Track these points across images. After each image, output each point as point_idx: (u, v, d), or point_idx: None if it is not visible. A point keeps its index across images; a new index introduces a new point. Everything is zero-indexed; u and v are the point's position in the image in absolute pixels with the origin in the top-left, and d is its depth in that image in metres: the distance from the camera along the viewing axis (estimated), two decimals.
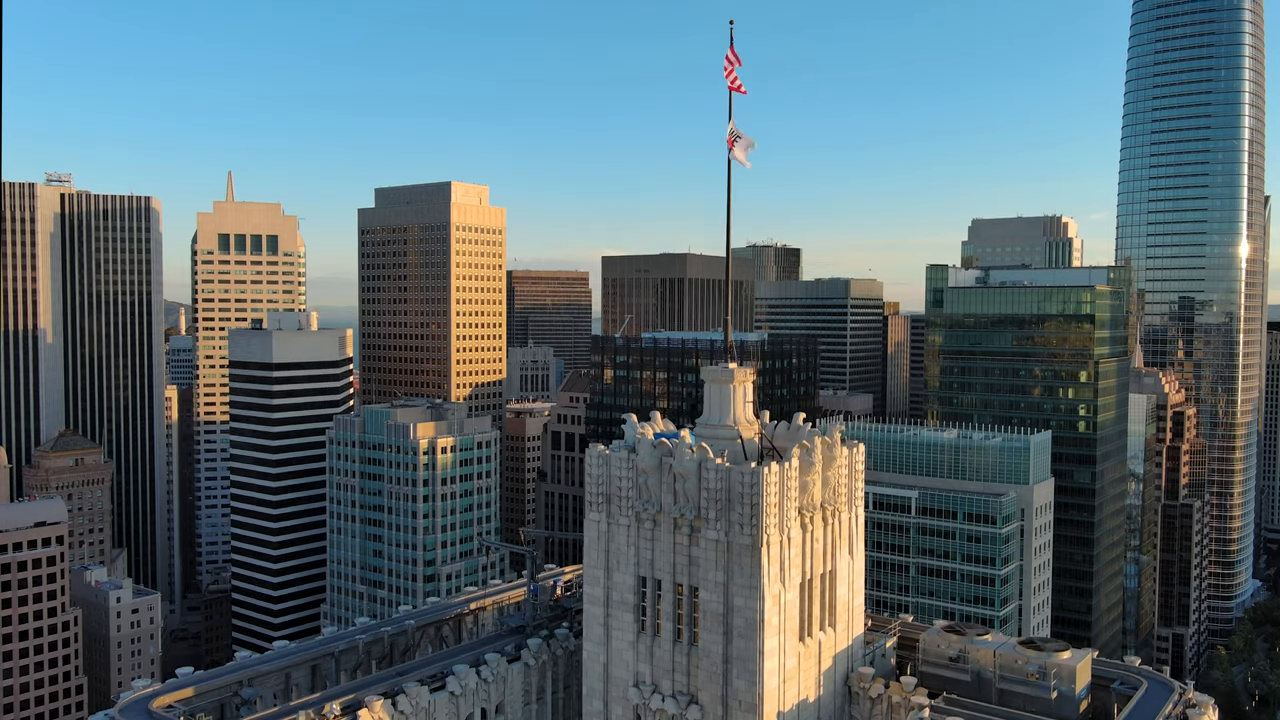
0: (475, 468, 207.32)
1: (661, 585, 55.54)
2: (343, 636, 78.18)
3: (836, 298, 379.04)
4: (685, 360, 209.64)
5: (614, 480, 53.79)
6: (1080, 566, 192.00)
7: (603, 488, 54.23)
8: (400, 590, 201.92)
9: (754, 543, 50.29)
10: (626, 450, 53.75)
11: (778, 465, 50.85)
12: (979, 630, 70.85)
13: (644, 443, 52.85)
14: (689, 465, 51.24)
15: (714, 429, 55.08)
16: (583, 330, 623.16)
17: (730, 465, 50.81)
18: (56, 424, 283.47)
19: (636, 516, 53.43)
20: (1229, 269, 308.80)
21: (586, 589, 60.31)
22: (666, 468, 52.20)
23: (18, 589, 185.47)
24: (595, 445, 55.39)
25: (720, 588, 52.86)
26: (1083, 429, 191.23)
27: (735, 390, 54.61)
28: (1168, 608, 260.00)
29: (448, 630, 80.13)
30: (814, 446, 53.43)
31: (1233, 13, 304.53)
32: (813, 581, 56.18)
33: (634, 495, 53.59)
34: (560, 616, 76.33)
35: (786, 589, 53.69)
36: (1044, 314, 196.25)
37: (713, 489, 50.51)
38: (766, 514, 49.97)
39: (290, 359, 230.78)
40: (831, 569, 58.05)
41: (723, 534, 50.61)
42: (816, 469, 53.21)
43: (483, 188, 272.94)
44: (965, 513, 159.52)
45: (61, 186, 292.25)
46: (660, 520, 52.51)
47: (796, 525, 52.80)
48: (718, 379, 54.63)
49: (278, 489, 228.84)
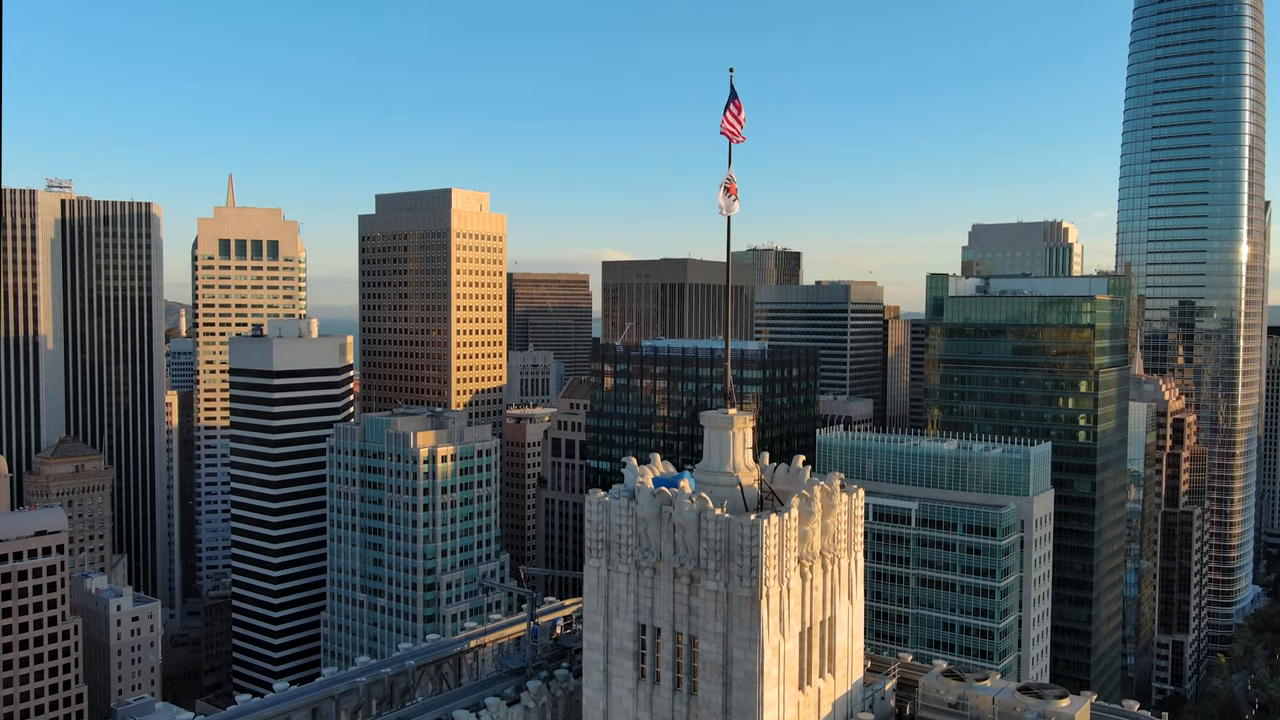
0: (475, 476, 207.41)
1: (661, 634, 55.50)
2: (343, 678, 78.00)
3: (837, 302, 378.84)
4: (685, 369, 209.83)
5: (614, 527, 53.73)
6: (1080, 576, 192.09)
7: (603, 534, 54.20)
8: (400, 599, 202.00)
9: (753, 595, 50.27)
10: (626, 498, 53.66)
11: (777, 517, 50.82)
12: (978, 674, 70.65)
13: (644, 492, 52.80)
14: (689, 516, 51.20)
15: (714, 475, 54.99)
16: (583, 333, 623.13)
17: (730, 517, 50.73)
18: (57, 430, 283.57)
19: (636, 564, 53.40)
20: (1229, 274, 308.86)
21: (586, 635, 60.24)
22: (666, 517, 52.17)
23: (18, 598, 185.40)
24: (595, 492, 55.33)
25: (720, 638, 52.85)
26: (1083, 439, 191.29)
27: (735, 437, 54.53)
28: (1168, 615, 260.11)
29: (448, 669, 79.97)
30: (813, 496, 53.41)
31: (1233, 18, 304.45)
32: (812, 630, 56.19)
33: (634, 543, 53.56)
34: (560, 656, 76.05)
35: (786, 639, 53.70)
36: (1044, 323, 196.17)
37: (712, 540, 50.48)
38: (766, 566, 49.97)
39: (290, 366, 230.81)
40: (831, 615, 58.05)
41: (722, 585, 50.59)
42: (816, 518, 53.22)
43: (483, 194, 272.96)
44: (965, 525, 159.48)
45: (62, 192, 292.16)
46: (660, 569, 52.49)
47: (796, 575, 52.80)
48: (717, 425, 54.56)
49: (278, 496, 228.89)
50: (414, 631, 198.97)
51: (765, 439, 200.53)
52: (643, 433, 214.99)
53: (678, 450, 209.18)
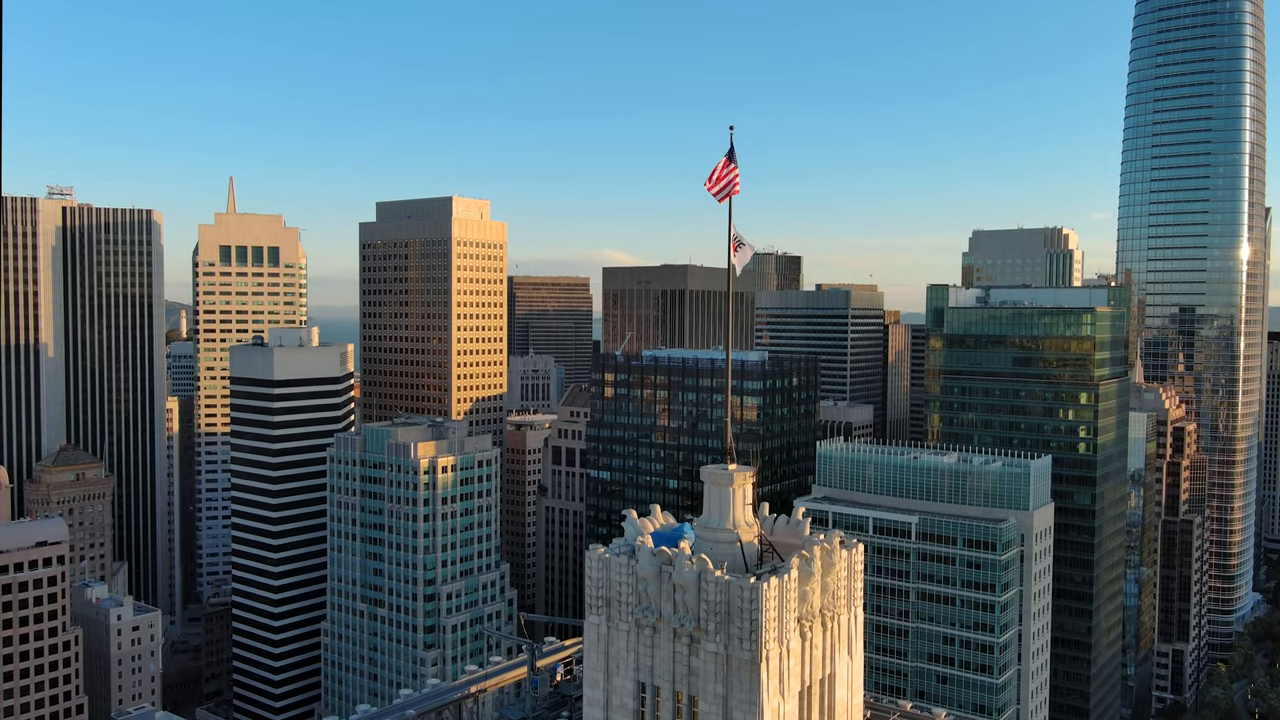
0: (476, 486, 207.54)
1: (661, 693, 55.49)
2: None
3: (837, 308, 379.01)
4: (685, 379, 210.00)
5: (614, 584, 53.88)
6: (1080, 588, 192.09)
7: (603, 591, 54.32)
8: (400, 609, 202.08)
9: (753, 658, 50.32)
10: (627, 555, 53.81)
11: (777, 580, 50.93)
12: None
13: (644, 551, 52.90)
14: (689, 577, 51.35)
15: (714, 532, 55.06)
16: (584, 336, 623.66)
17: (730, 579, 50.86)
18: (58, 437, 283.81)
19: (637, 623, 53.52)
20: (1230, 280, 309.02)
21: (586, 691, 60.22)
22: (666, 576, 52.31)
23: (19, 609, 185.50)
24: (595, 548, 55.45)
25: (719, 700, 52.90)
26: (1083, 450, 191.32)
27: (735, 493, 54.63)
28: (1168, 623, 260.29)
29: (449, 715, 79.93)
30: (813, 556, 53.54)
31: (1234, 25, 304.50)
32: (811, 688, 56.21)
33: (634, 601, 53.71)
34: (560, 704, 75.86)
35: (785, 699, 53.80)
36: (1044, 335, 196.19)
37: (712, 602, 50.60)
38: (766, 629, 50.10)
39: (291, 375, 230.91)
40: (830, 672, 58.09)
41: (722, 647, 50.72)
42: (816, 578, 53.36)
43: (483, 202, 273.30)
44: (965, 539, 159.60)
45: (63, 200, 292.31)
46: (660, 628, 52.64)
47: (796, 635, 52.93)
48: (717, 482, 54.64)
49: (278, 505, 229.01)
50: (414, 642, 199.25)
51: (765, 449, 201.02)
52: (643, 442, 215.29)
53: (678, 460, 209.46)
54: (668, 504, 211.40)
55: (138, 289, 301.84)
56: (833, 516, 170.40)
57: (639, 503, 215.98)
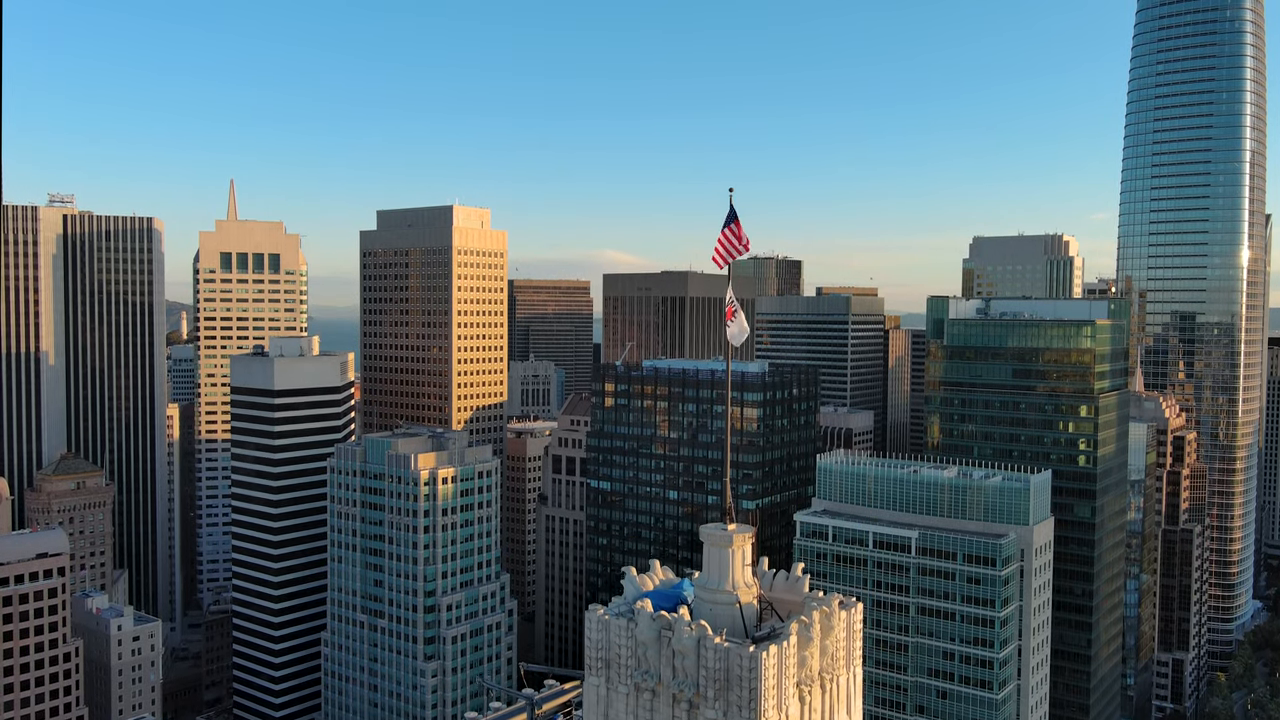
0: (476, 497, 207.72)
1: None
2: None
3: (837, 314, 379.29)
4: (686, 390, 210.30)
5: (613, 646, 53.88)
6: (1080, 600, 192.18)
7: (602, 653, 54.31)
8: (400, 620, 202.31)
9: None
10: (626, 619, 53.86)
11: (776, 648, 50.99)
12: None
13: (643, 615, 52.92)
14: (688, 643, 51.37)
15: (713, 593, 55.06)
16: (584, 339, 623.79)
17: (729, 646, 50.89)
18: (58, 445, 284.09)
19: (636, 686, 53.51)
20: (1230, 288, 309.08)
21: None
22: (665, 641, 52.31)
23: (19, 621, 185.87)
24: (595, 609, 55.46)
25: None
26: (1083, 463, 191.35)
27: (734, 554, 54.65)
28: (1168, 632, 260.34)
29: None
30: (812, 621, 53.62)
31: (1234, 34, 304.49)
32: None
33: (633, 665, 53.69)
34: None
35: None
36: (1044, 347, 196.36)
37: (711, 669, 50.62)
38: (765, 697, 50.17)
39: (291, 385, 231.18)
40: None
41: (721, 714, 50.79)
42: (815, 642, 53.42)
43: (484, 210, 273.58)
44: (965, 554, 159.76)
45: (64, 208, 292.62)
46: (660, 692, 52.65)
47: (794, 700, 52.93)
48: (716, 543, 54.69)
49: (279, 515, 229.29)
50: (414, 653, 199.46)
51: (765, 460, 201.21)
52: (643, 453, 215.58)
53: (678, 471, 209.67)
54: (668, 514, 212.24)
55: (138, 296, 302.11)
56: (833, 530, 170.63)
57: (638, 513, 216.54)
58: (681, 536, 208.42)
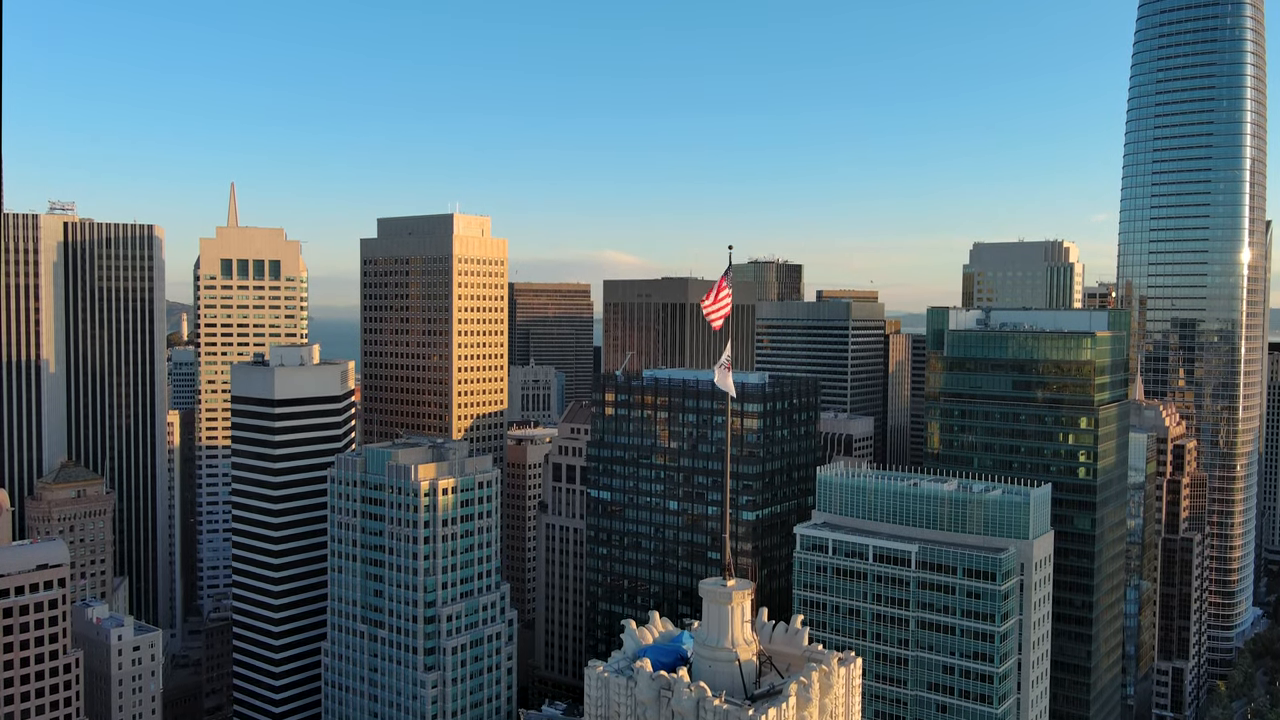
0: (476, 508, 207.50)
1: None
2: None
3: (838, 320, 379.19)
4: (686, 400, 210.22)
5: (613, 704, 53.75)
6: (1079, 612, 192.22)
7: (601, 710, 54.28)
8: (400, 630, 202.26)
9: None
10: (626, 678, 53.73)
11: (775, 710, 51.02)
12: None
13: (642, 675, 52.83)
14: (687, 705, 51.29)
15: (713, 650, 54.91)
16: (585, 343, 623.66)
17: (728, 707, 50.86)
18: (58, 453, 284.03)
19: None
20: (1230, 294, 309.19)
21: None
22: (665, 701, 52.25)
23: (19, 633, 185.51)
24: (595, 665, 55.45)
25: None
26: (1083, 475, 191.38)
27: (734, 611, 54.55)
28: (1167, 641, 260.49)
29: None
30: (811, 682, 53.61)
31: (1235, 39, 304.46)
32: None
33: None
34: None
35: None
36: (1044, 359, 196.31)
37: None
38: None
39: (292, 394, 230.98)
40: None
41: None
42: (814, 703, 53.44)
43: (484, 219, 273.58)
44: (965, 568, 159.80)
45: (65, 215, 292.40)
46: None
47: None
48: (716, 600, 54.60)
49: (279, 524, 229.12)
50: (414, 664, 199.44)
51: (765, 470, 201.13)
52: (643, 463, 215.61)
53: (677, 482, 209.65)
54: (667, 525, 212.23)
55: (139, 304, 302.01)
56: (833, 544, 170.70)
57: (639, 523, 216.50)
58: (681, 547, 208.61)
